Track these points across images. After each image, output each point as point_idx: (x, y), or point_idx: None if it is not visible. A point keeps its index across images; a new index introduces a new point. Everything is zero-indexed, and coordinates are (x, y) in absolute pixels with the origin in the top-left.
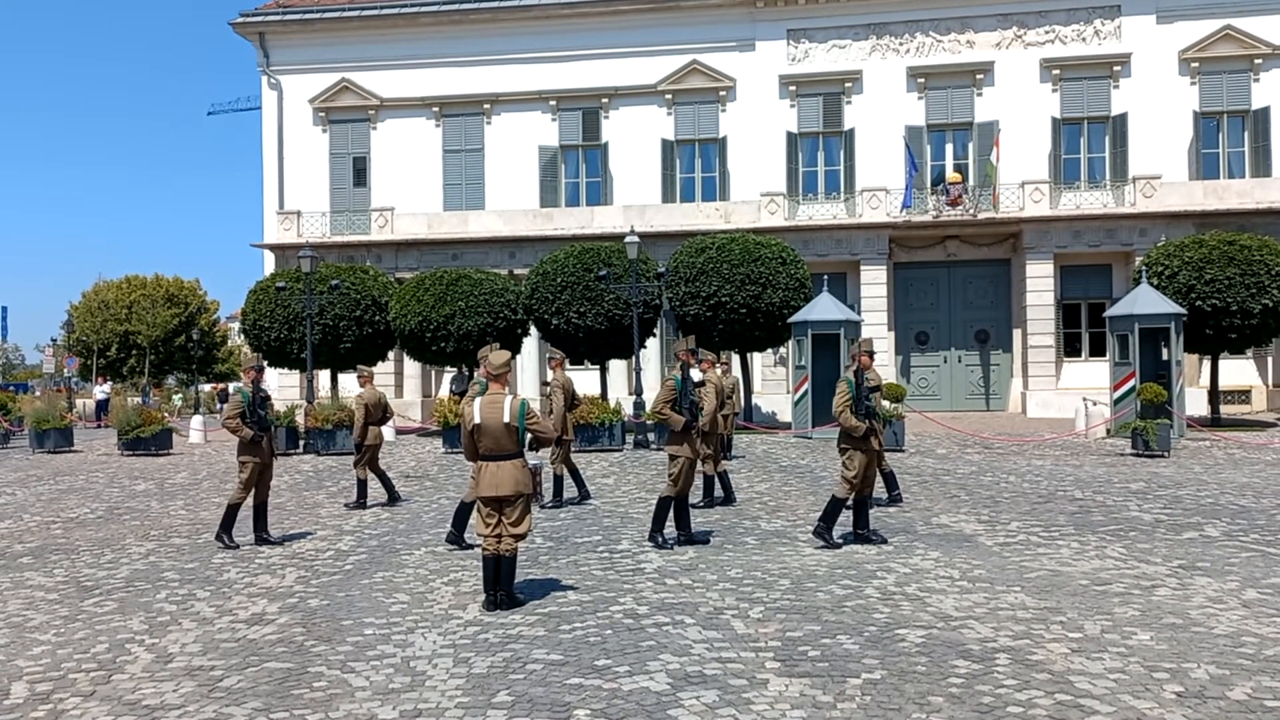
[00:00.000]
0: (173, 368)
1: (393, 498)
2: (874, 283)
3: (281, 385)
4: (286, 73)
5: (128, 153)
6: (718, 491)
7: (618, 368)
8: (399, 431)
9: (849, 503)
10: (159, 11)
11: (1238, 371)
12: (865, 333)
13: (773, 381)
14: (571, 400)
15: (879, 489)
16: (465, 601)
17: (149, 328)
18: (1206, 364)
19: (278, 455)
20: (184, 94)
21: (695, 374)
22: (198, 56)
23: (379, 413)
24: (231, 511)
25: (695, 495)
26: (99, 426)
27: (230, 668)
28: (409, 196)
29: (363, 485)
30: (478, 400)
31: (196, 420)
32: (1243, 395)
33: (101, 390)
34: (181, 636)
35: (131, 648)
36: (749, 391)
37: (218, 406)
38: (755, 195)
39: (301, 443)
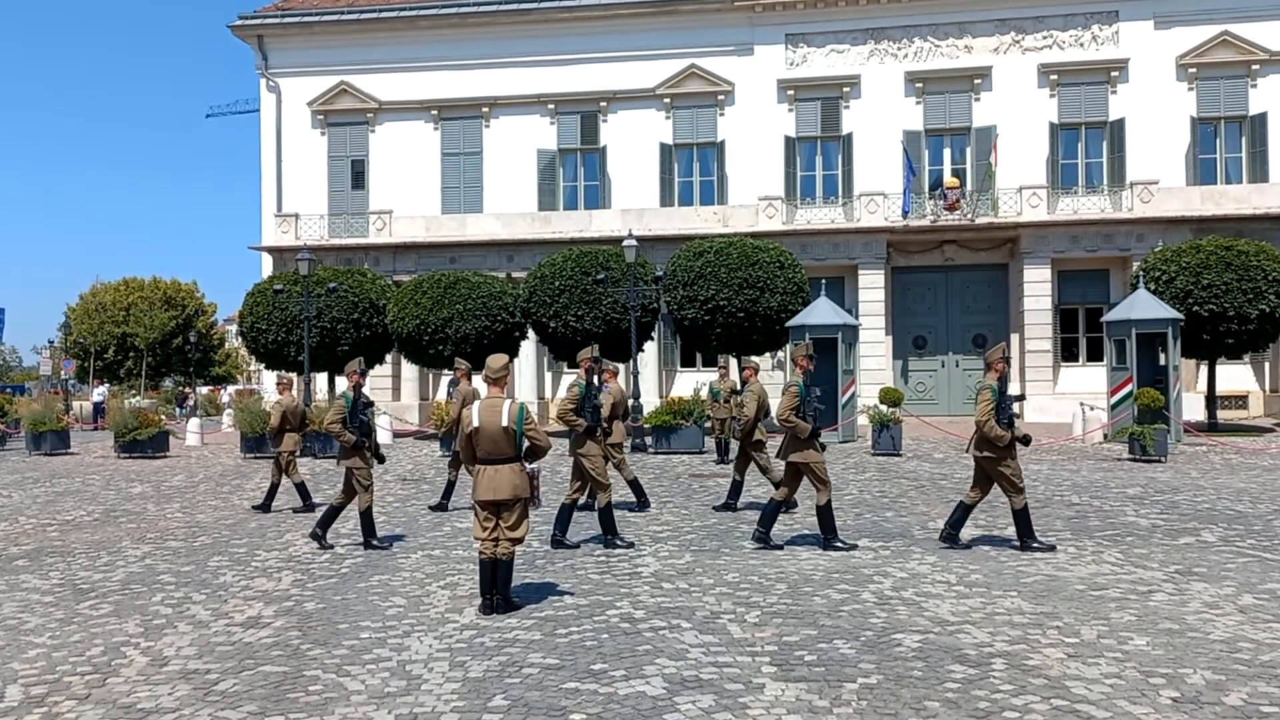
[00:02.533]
0: (170, 370)
1: (266, 508)
2: (872, 287)
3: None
4: (285, 75)
5: (126, 155)
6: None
7: None
8: (396, 435)
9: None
10: (157, 14)
11: (1235, 377)
12: (863, 336)
13: (771, 386)
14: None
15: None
16: (462, 605)
17: (146, 330)
18: (1203, 369)
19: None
20: (183, 96)
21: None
22: (196, 59)
23: (296, 420)
24: (339, 513)
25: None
26: (96, 429)
27: (225, 671)
28: (407, 199)
29: (301, 488)
30: (476, 404)
31: (193, 423)
32: (1240, 400)
33: (98, 392)
34: (177, 639)
35: (127, 651)
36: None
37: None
38: (753, 199)
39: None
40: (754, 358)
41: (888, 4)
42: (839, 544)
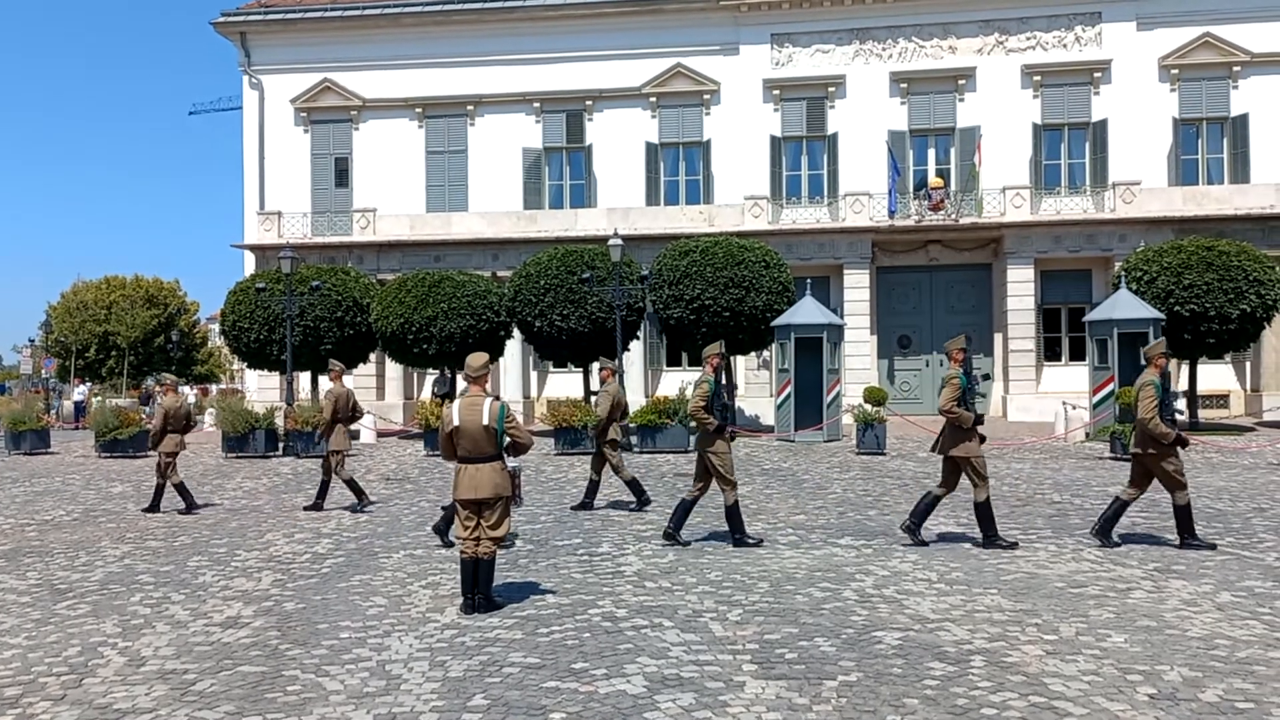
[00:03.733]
0: (152, 369)
1: (153, 509)
2: (857, 286)
3: (261, 387)
4: (268, 72)
5: (108, 152)
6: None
7: None
8: (380, 434)
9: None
10: (141, 11)
11: (1216, 376)
12: (848, 336)
13: (756, 385)
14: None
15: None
16: (443, 605)
17: (128, 329)
18: (1185, 369)
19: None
20: (166, 94)
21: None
22: (180, 56)
23: (180, 422)
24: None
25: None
26: (77, 428)
27: (203, 671)
28: (391, 198)
29: (181, 488)
30: (457, 402)
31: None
32: (1220, 400)
33: (79, 391)
34: (155, 640)
35: (104, 651)
36: (732, 395)
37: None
38: (739, 199)
39: (281, 445)
40: (604, 359)
41: (873, 4)
42: (1001, 542)
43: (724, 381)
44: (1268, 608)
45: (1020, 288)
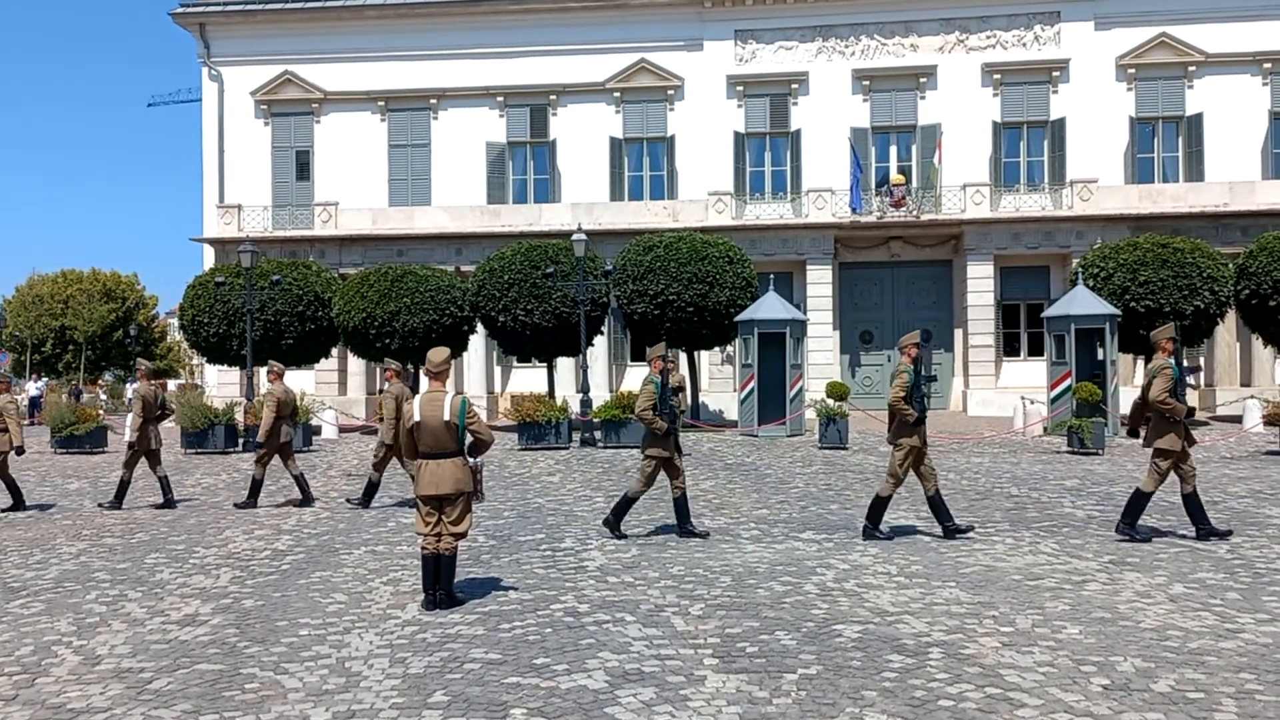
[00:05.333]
0: (110, 364)
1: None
2: (819, 282)
3: (221, 383)
4: (228, 64)
5: (64, 144)
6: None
7: (565, 365)
8: (341, 429)
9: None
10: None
11: None
12: (811, 331)
13: (719, 380)
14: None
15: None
16: (404, 601)
17: (85, 323)
18: (1140, 364)
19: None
20: (123, 85)
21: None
22: (138, 47)
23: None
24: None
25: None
26: (32, 424)
27: (160, 669)
28: (353, 191)
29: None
30: (418, 397)
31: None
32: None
33: (35, 387)
34: (111, 638)
35: (58, 649)
36: (695, 390)
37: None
38: (703, 194)
39: (241, 441)
40: (389, 360)
41: (835, 2)
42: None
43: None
44: (1219, 599)
45: (980, 284)
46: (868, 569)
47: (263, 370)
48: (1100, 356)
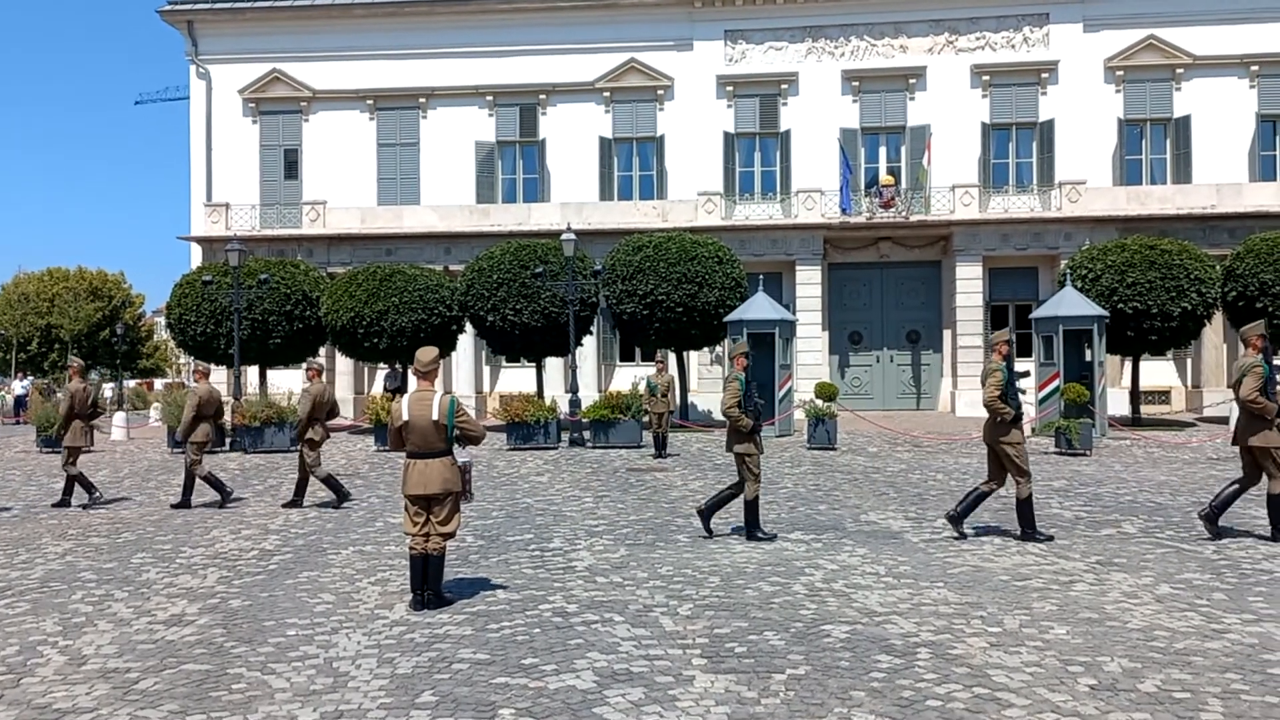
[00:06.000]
0: (96, 363)
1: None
2: (809, 283)
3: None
4: (216, 62)
5: (50, 142)
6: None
7: (554, 365)
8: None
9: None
10: None
11: (1158, 373)
12: (800, 332)
13: (708, 380)
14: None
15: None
16: (392, 601)
17: (71, 322)
18: (1128, 365)
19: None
20: (111, 83)
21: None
22: (126, 45)
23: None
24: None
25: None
26: (18, 423)
27: (147, 670)
28: (342, 190)
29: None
30: (407, 397)
31: (119, 417)
32: (1163, 396)
33: (21, 385)
34: (97, 638)
35: (44, 650)
36: (685, 390)
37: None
38: (692, 194)
39: (229, 440)
40: (318, 360)
41: (825, 3)
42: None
43: (1014, 370)
44: (1205, 599)
45: (969, 285)
46: (856, 569)
47: (251, 370)
48: (1088, 357)
